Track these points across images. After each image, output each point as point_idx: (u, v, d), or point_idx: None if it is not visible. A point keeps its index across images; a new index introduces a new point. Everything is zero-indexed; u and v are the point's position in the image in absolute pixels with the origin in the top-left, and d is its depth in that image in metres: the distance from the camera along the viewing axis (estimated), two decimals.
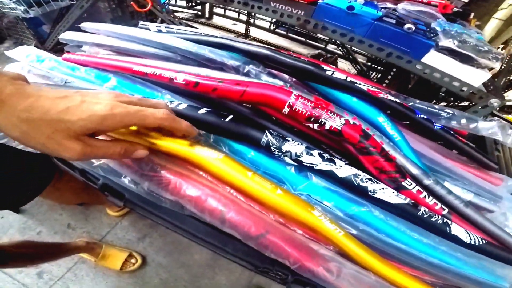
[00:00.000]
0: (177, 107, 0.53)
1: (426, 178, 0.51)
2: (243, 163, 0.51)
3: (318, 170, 0.47)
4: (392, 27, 0.72)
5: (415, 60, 0.73)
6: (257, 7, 0.86)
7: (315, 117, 0.45)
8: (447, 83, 0.72)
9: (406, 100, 0.68)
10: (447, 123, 0.66)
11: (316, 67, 0.55)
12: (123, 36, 0.71)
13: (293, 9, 0.81)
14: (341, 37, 0.77)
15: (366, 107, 0.56)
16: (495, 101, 0.70)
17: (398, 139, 0.55)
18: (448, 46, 0.70)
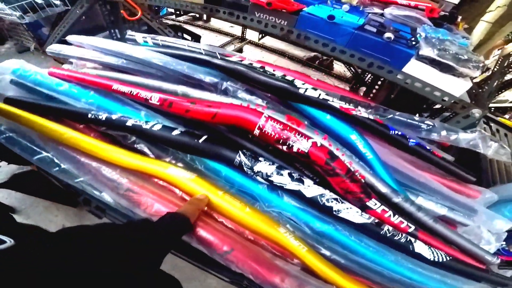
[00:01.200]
0: (151, 128, 0.53)
1: (395, 196, 0.52)
2: (217, 180, 0.53)
3: (288, 189, 0.48)
4: (372, 36, 0.70)
5: (396, 70, 0.71)
6: (242, 18, 0.84)
7: (283, 140, 0.46)
8: (428, 93, 0.71)
9: (386, 112, 0.67)
10: (427, 135, 0.65)
11: (289, 85, 0.55)
12: (106, 51, 0.71)
13: (277, 19, 0.80)
14: (323, 47, 0.76)
15: (339, 124, 0.56)
16: (477, 111, 0.69)
17: (370, 157, 0.55)
18: (428, 55, 0.68)
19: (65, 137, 0.56)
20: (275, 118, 0.49)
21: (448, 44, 0.72)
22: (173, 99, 0.53)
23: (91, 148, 0.54)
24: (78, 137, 0.55)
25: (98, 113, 0.57)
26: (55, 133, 0.56)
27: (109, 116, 0.56)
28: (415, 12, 0.99)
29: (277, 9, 0.78)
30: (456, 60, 0.65)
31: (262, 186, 0.51)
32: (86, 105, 0.62)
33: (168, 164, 0.53)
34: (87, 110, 0.59)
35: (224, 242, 0.45)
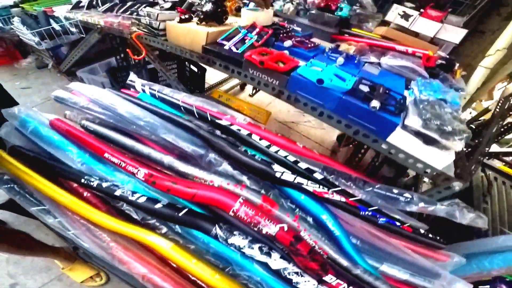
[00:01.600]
0: (137, 200, 0.57)
1: (355, 269, 0.56)
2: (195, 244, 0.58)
3: (257, 260, 0.54)
4: (359, 103, 0.71)
5: (381, 139, 0.71)
6: (237, 72, 0.87)
7: (254, 224, 0.52)
8: (411, 164, 0.71)
9: (365, 185, 0.69)
10: (405, 206, 0.67)
11: (267, 167, 0.57)
12: (102, 105, 0.75)
13: (269, 78, 0.82)
14: (312, 110, 0.77)
15: (313, 204, 0.60)
16: (458, 184, 0.69)
17: (338, 234, 0.59)
18: (413, 126, 0.69)
19: (59, 199, 0.62)
20: (250, 201, 0.54)
21: (436, 110, 0.72)
22: (157, 177, 0.57)
23: (81, 212, 0.60)
24: (70, 201, 0.61)
25: (91, 179, 0.62)
26: (50, 193, 0.62)
27: (99, 183, 0.61)
28: (411, 61, 0.99)
29: (269, 68, 0.80)
30: (440, 132, 0.65)
31: (236, 253, 0.56)
32: (81, 166, 0.67)
33: (149, 232, 0.58)
34: (81, 174, 0.64)
35: None
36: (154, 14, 1.09)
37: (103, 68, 1.93)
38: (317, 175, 0.66)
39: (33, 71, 2.26)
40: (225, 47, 0.94)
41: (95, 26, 1.41)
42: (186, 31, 1.02)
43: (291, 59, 0.87)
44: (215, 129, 0.74)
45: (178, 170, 0.61)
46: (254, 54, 0.83)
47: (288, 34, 1.09)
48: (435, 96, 0.80)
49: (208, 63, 0.93)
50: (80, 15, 1.50)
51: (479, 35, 1.33)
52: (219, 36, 1.00)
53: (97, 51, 1.89)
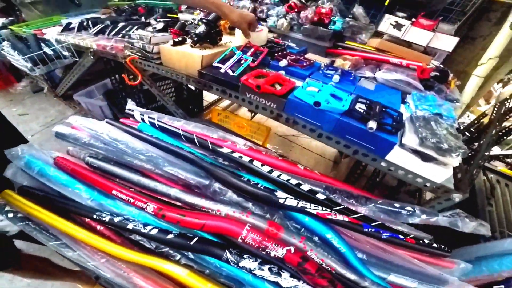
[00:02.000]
0: (149, 232, 0.61)
1: (363, 282, 0.59)
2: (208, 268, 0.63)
3: (268, 280, 0.58)
4: (356, 123, 0.75)
5: (380, 158, 0.75)
6: (234, 97, 0.90)
7: (262, 248, 0.57)
8: (410, 179, 0.74)
9: (368, 201, 0.72)
10: (407, 219, 0.71)
11: (270, 194, 0.61)
12: (104, 141, 0.78)
13: (267, 101, 0.85)
14: (310, 132, 0.81)
15: (317, 225, 0.64)
16: (457, 196, 0.72)
17: (344, 251, 0.63)
18: (410, 145, 0.72)
19: (74, 234, 0.66)
20: (256, 227, 0.59)
21: (432, 126, 0.76)
22: (166, 211, 0.60)
23: (97, 245, 0.65)
24: (85, 235, 0.66)
25: (102, 214, 0.66)
26: (65, 229, 0.67)
27: (111, 218, 0.65)
28: (406, 74, 1.03)
29: (266, 92, 0.84)
30: (437, 149, 0.69)
31: (247, 274, 0.60)
32: (90, 202, 0.70)
33: (164, 260, 0.62)
34: (92, 210, 0.67)
35: None
36: (146, 38, 1.12)
37: (99, 90, 1.97)
38: (320, 196, 0.70)
39: (29, 95, 2.29)
40: (221, 70, 0.98)
41: (87, 49, 1.44)
42: (181, 55, 1.05)
43: (288, 80, 0.91)
44: (217, 156, 0.77)
45: (185, 201, 0.64)
46: (250, 78, 0.86)
47: (283, 52, 1.13)
48: (431, 111, 0.84)
49: (205, 87, 0.96)
50: (71, 37, 1.52)
51: (471, 41, 1.38)
52: (214, 58, 1.04)
53: (93, 72, 1.92)
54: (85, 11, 1.95)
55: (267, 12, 1.59)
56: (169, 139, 0.81)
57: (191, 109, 2.08)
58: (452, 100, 1.01)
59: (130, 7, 1.91)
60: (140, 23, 1.44)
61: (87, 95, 1.92)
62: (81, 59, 1.52)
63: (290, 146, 2.15)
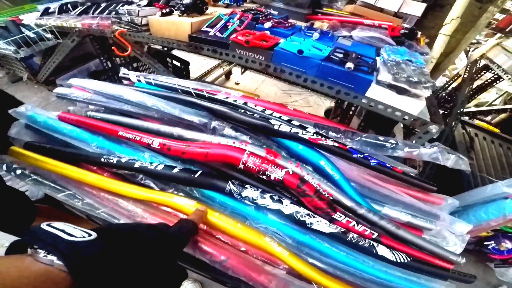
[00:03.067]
0: (155, 168, 0.65)
1: (359, 209, 0.64)
2: (213, 205, 0.66)
3: (270, 209, 0.61)
4: (336, 66, 0.84)
5: (360, 95, 0.84)
6: (225, 54, 0.97)
7: (262, 171, 0.60)
8: (390, 114, 0.84)
9: (354, 135, 0.80)
10: (392, 152, 0.76)
11: (266, 122, 0.67)
12: (107, 95, 0.82)
13: (255, 55, 0.93)
14: (297, 78, 0.89)
15: (310, 152, 0.69)
16: (434, 127, 0.81)
17: (337, 178, 0.67)
18: (385, 80, 0.82)
19: (83, 179, 0.68)
20: (255, 153, 0.62)
21: (403, 67, 0.86)
22: (171, 144, 0.65)
23: (108, 186, 0.67)
24: (95, 178, 0.68)
25: (110, 157, 0.69)
26: (74, 175, 0.69)
27: (119, 159, 0.68)
28: (379, 32, 1.13)
29: (254, 46, 0.91)
30: (409, 82, 0.78)
31: (250, 208, 0.64)
32: (97, 149, 0.74)
33: (173, 194, 0.65)
34: (99, 154, 0.71)
35: (221, 253, 0.58)
36: (135, 11, 1.16)
37: (83, 73, 1.96)
38: (310, 130, 0.77)
39: (8, 86, 2.23)
40: (210, 34, 1.04)
41: (72, 29, 1.44)
42: (170, 24, 1.11)
43: (273, 37, 0.98)
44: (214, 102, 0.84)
45: (187, 138, 0.70)
46: (238, 35, 0.93)
47: (266, 17, 1.20)
48: (402, 58, 0.94)
49: (196, 50, 1.02)
50: (52, 20, 1.53)
51: (439, 8, 1.50)
52: (203, 24, 1.10)
53: (73, 58, 1.91)
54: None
55: None
56: (167, 92, 0.87)
57: None
58: (422, 53, 1.12)
59: None
60: (123, 1, 1.47)
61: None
62: (65, 40, 1.52)
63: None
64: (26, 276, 0.27)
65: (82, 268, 0.29)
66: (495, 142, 1.57)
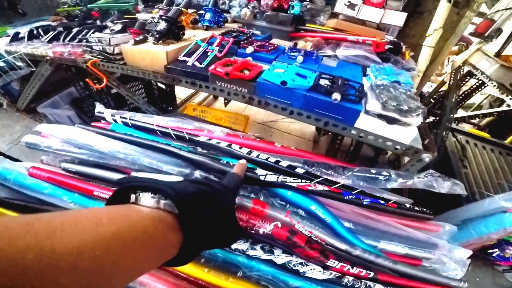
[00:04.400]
0: None
1: (354, 250, 0.61)
2: (202, 256, 0.63)
3: (262, 259, 0.60)
4: (322, 96, 0.79)
5: (349, 126, 0.80)
6: (205, 87, 0.91)
7: (250, 227, 0.58)
8: (381, 144, 0.80)
9: (345, 170, 0.76)
10: (386, 184, 0.74)
11: (251, 173, 0.62)
12: (78, 144, 0.76)
13: (237, 87, 0.87)
14: (282, 111, 0.84)
15: (300, 198, 0.66)
16: (427, 156, 0.78)
17: (330, 221, 0.65)
18: (374, 110, 0.78)
19: None
20: (241, 207, 0.60)
21: (391, 92, 0.82)
22: None
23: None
24: None
25: None
26: None
27: None
28: (363, 49, 1.09)
29: (236, 78, 0.85)
30: (399, 111, 0.75)
31: (242, 257, 0.61)
32: (73, 206, 0.68)
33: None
34: None
35: None
36: (106, 39, 1.08)
37: (65, 99, 1.86)
38: (299, 170, 0.73)
39: None
40: (188, 63, 0.98)
41: (43, 58, 1.36)
42: (144, 53, 1.04)
43: (255, 65, 0.93)
44: (195, 146, 0.78)
45: None
46: (218, 66, 0.87)
47: (248, 40, 1.14)
48: (389, 79, 0.90)
49: (174, 82, 0.96)
50: (22, 47, 1.43)
51: (419, 15, 1.48)
52: (180, 52, 1.04)
53: (54, 82, 1.81)
54: (33, 20, 1.83)
55: (229, 3, 1.60)
56: (144, 135, 0.80)
57: (164, 107, 2.04)
58: (409, 69, 1.09)
59: (82, 12, 1.82)
60: (96, 26, 1.38)
61: (52, 106, 1.82)
62: (38, 69, 1.43)
63: (270, 131, 2.20)
64: (144, 218, 0.27)
65: (186, 204, 0.30)
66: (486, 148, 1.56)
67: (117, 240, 0.23)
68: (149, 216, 0.28)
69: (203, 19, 1.36)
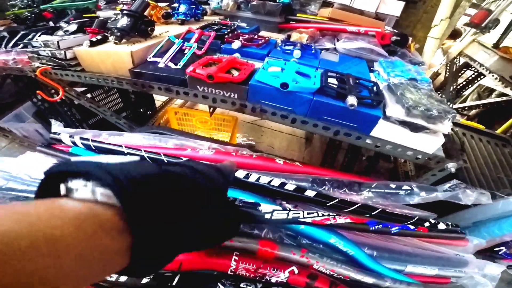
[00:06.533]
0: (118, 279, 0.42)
1: (383, 282, 0.53)
2: None
3: None
4: (333, 101, 0.63)
5: (364, 135, 0.65)
6: (183, 93, 0.72)
7: (259, 277, 0.47)
8: (399, 153, 0.67)
9: (362, 187, 0.62)
10: (407, 199, 0.63)
11: (252, 210, 0.46)
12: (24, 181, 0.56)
13: (225, 92, 0.69)
14: (282, 119, 0.68)
15: (317, 231, 0.54)
16: (452, 166, 0.65)
17: (353, 253, 0.54)
18: (396, 116, 0.63)
19: None
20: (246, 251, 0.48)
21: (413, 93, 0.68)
22: None
23: None
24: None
25: None
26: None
27: None
28: (367, 41, 0.94)
29: (221, 81, 0.67)
30: (427, 117, 0.61)
31: None
32: None
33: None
34: None
35: None
36: (53, 42, 0.86)
37: (29, 111, 1.58)
38: (309, 192, 0.59)
39: None
40: (159, 65, 0.79)
41: None
42: (104, 56, 0.83)
43: (245, 63, 0.76)
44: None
45: None
46: (198, 67, 0.69)
47: (234, 33, 0.96)
48: (405, 76, 0.76)
49: (144, 88, 0.76)
50: None
51: (413, 5, 1.37)
52: (149, 52, 0.84)
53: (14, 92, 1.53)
54: None
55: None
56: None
57: (142, 113, 1.81)
58: (417, 63, 0.96)
59: (33, 13, 1.53)
60: (46, 28, 1.14)
61: (16, 119, 1.54)
62: None
63: (260, 131, 2.05)
64: (59, 217, 0.18)
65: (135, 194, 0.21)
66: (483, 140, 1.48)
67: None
68: (75, 213, 0.19)
69: (177, 12, 1.16)
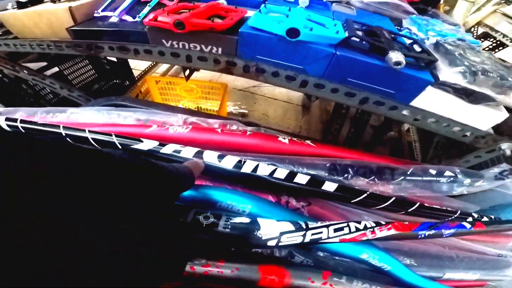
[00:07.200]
0: None
1: None
2: None
3: None
4: (366, 58, 0.44)
5: (403, 104, 0.46)
6: (144, 52, 0.50)
7: None
8: (442, 129, 0.49)
9: (394, 174, 0.45)
10: (450, 191, 0.48)
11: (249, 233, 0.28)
12: None
13: (203, 46, 0.48)
14: (288, 82, 0.48)
15: (344, 246, 0.39)
16: (508, 147, 0.48)
17: (389, 269, 0.40)
18: (454, 82, 0.44)
19: None
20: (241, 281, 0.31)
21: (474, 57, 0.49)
22: None
23: None
24: None
25: None
26: None
27: None
28: None
29: (198, 30, 0.46)
30: (499, 86, 0.43)
31: None
32: None
33: None
34: None
35: None
36: None
37: None
38: (328, 186, 0.40)
39: None
40: (111, 20, 0.56)
41: None
42: (37, 17, 0.60)
43: (232, 9, 0.54)
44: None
45: None
46: (161, 15, 0.47)
47: None
48: (452, 35, 0.57)
49: (90, 51, 0.54)
50: None
51: None
52: (96, 6, 0.60)
53: None
54: None
55: None
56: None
57: (119, 84, 1.55)
58: (453, 25, 0.75)
59: None
60: None
61: None
62: None
63: (253, 98, 1.83)
64: None
65: None
66: None
67: None
68: None
69: None
